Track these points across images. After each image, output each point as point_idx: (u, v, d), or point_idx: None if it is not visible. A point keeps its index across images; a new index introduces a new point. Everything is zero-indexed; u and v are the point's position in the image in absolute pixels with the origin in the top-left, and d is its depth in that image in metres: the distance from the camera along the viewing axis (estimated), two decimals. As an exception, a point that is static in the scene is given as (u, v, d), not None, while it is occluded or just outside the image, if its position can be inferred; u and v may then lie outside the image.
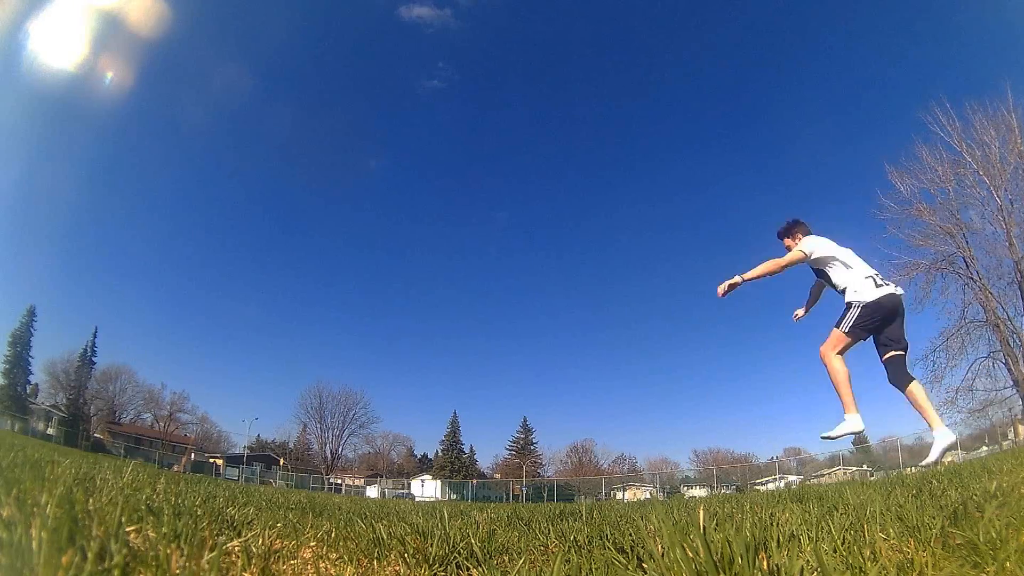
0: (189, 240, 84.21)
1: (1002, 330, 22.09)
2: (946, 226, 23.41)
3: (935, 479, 4.17)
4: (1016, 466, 4.59)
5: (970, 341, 23.05)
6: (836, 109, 73.77)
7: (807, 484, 17.70)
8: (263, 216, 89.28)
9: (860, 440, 44.67)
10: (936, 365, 23.46)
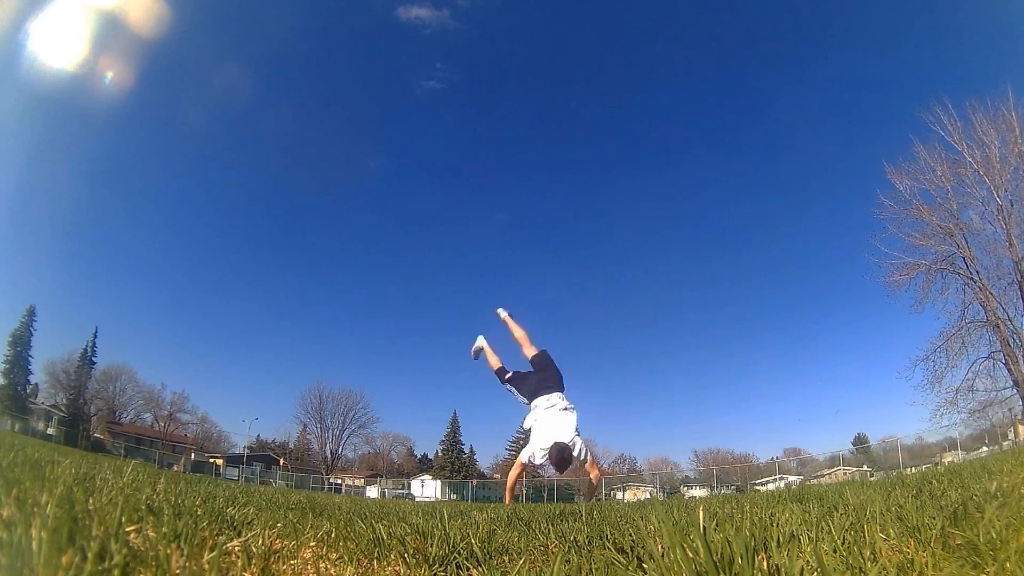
0: (189, 240, 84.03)
1: (1002, 330, 22.09)
2: (946, 226, 23.43)
3: (935, 479, 4.17)
4: (1016, 466, 4.59)
5: (970, 341, 23.07)
6: (836, 108, 73.62)
7: (807, 484, 17.69)
8: (263, 216, 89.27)
9: (860, 440, 44.67)
10: (936, 365, 23.51)
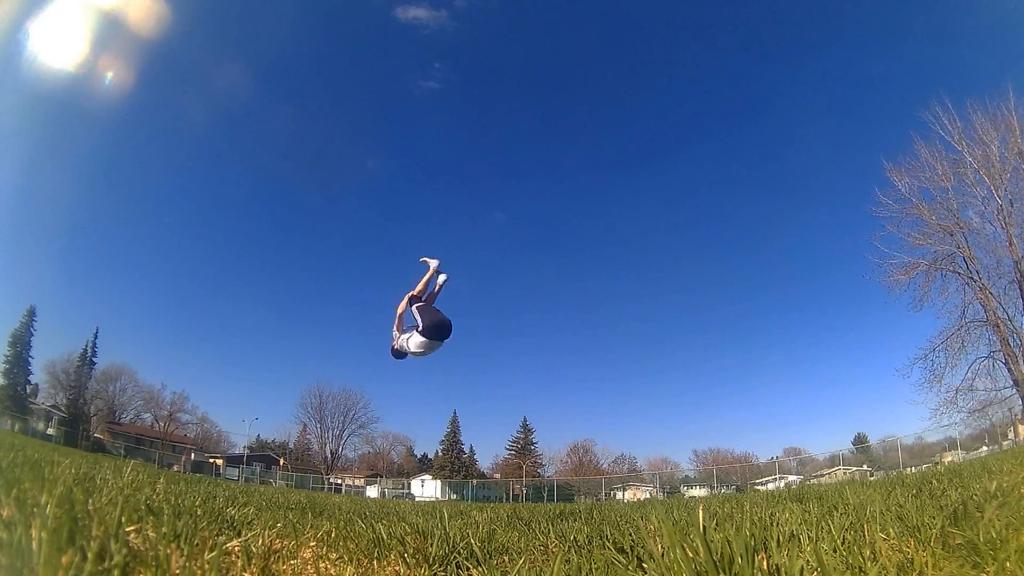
0: (189, 240, 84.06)
1: (1002, 330, 22.07)
2: (946, 225, 23.41)
3: (935, 479, 4.17)
4: (1016, 466, 4.60)
5: (970, 341, 23.04)
6: (836, 107, 73.67)
7: (807, 484, 17.68)
8: (262, 216, 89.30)
9: (860, 440, 44.69)
10: (936, 365, 23.48)
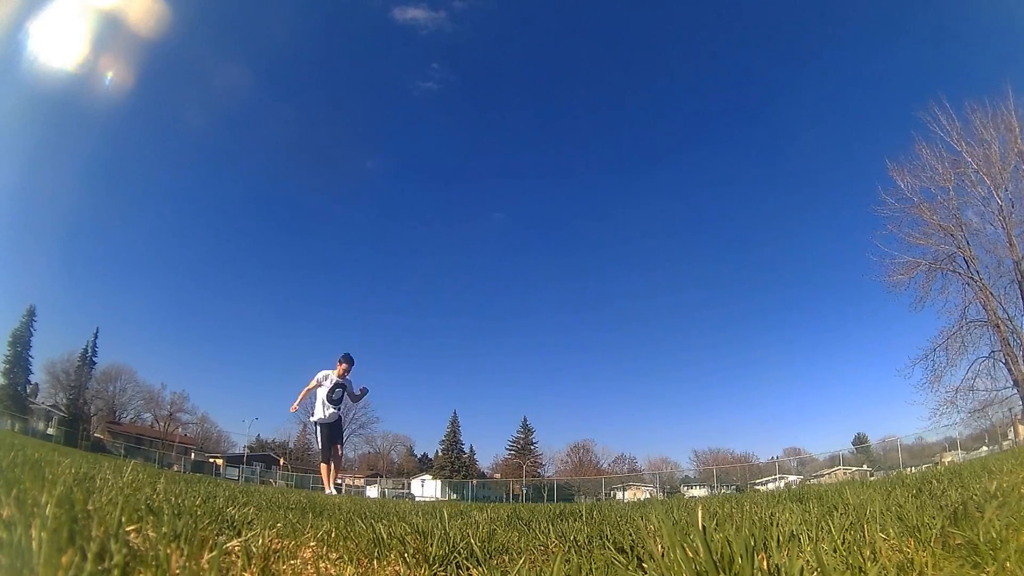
0: (189, 240, 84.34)
1: (1002, 330, 22.06)
2: (946, 225, 23.38)
3: (935, 479, 4.17)
4: (1016, 466, 4.59)
5: (970, 341, 22.99)
6: (837, 107, 73.80)
7: (807, 484, 17.68)
8: (262, 216, 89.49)
9: (860, 440, 44.65)
10: (936, 365, 23.43)
